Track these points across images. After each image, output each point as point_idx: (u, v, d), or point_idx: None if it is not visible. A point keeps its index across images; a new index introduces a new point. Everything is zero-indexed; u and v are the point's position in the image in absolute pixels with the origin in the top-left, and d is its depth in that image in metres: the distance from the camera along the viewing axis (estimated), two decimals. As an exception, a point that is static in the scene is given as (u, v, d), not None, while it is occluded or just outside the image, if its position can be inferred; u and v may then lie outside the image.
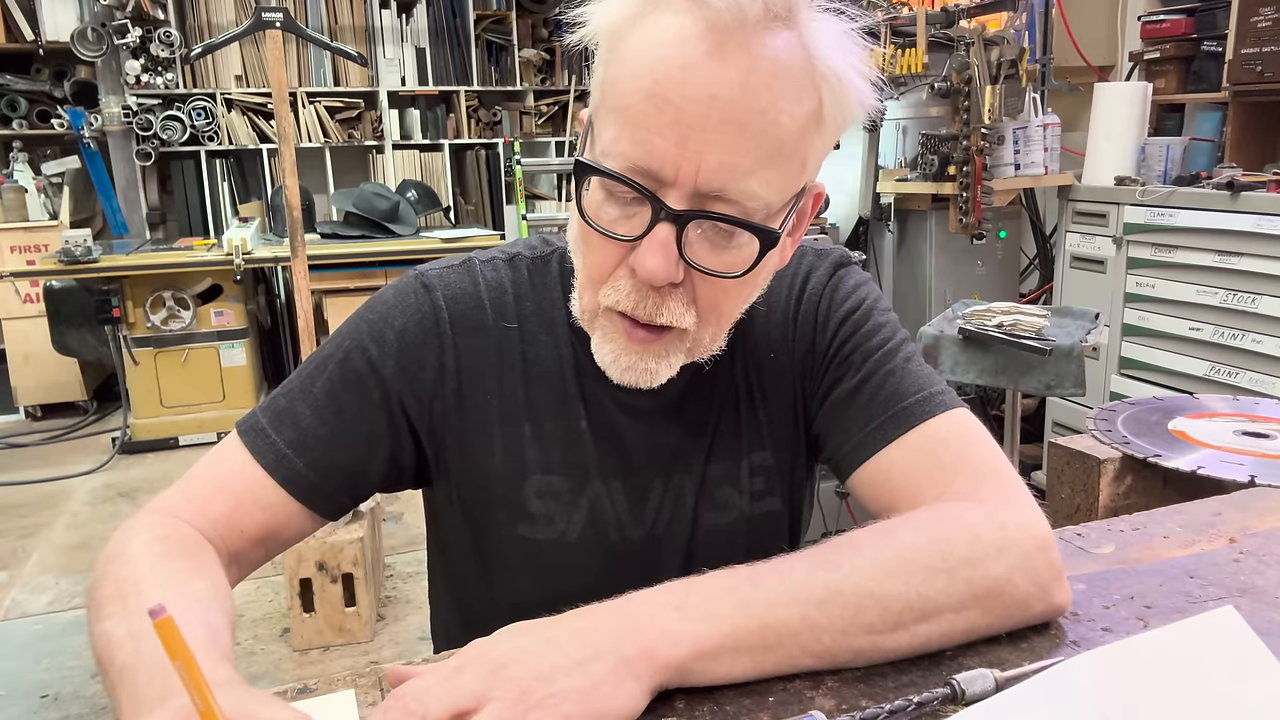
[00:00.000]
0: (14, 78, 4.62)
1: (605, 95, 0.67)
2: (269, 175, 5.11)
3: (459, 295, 0.80)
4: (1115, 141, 3.02)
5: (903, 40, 2.78)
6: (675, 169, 0.63)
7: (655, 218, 0.64)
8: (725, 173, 0.63)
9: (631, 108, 0.64)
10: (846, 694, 0.60)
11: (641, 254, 0.65)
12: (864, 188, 2.91)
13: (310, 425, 0.77)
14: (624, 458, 0.81)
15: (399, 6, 5.18)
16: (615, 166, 0.65)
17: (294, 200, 2.64)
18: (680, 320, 0.69)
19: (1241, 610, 0.57)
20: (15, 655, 2.49)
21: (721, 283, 0.68)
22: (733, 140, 0.63)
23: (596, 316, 0.72)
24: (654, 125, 0.63)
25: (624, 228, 0.67)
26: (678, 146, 0.62)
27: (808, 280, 0.84)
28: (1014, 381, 2.11)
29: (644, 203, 0.65)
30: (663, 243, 0.64)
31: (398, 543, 2.98)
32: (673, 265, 0.65)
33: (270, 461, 0.76)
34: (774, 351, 0.84)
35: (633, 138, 0.64)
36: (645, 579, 0.68)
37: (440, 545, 0.92)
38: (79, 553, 3.10)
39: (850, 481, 0.79)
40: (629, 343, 0.71)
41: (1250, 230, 2.53)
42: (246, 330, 4.17)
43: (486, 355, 0.80)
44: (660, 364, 0.72)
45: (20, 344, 4.39)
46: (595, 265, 0.69)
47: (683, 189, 0.64)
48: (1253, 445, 1.32)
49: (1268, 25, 2.79)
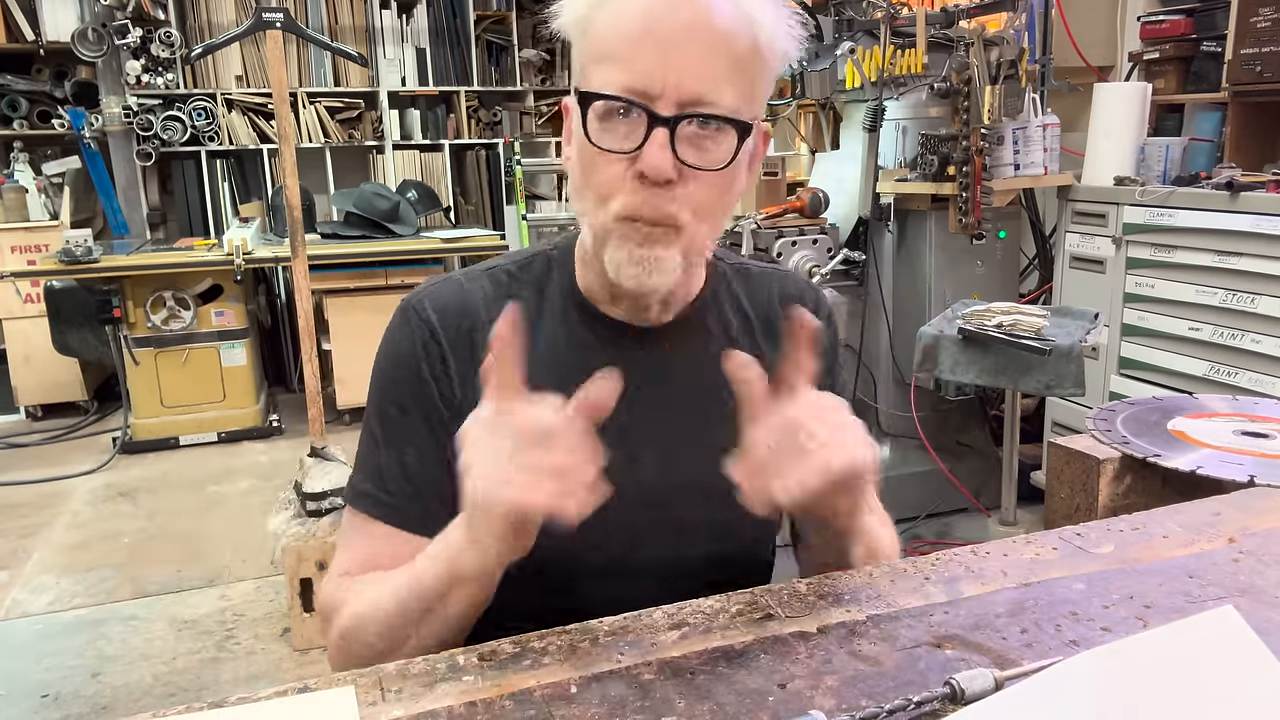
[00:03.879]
0: (14, 78, 4.62)
1: (589, 55, 0.81)
2: (269, 175, 5.11)
3: (445, 305, 0.90)
4: (1115, 142, 3.02)
5: (903, 40, 2.77)
6: (662, 83, 0.76)
7: (651, 125, 0.77)
8: (702, 81, 0.77)
9: (618, 48, 0.78)
10: (846, 694, 0.60)
11: (645, 156, 0.77)
12: (864, 188, 2.91)
13: (392, 469, 0.87)
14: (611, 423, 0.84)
15: (399, 6, 5.19)
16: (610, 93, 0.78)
17: (294, 200, 2.64)
18: (681, 214, 0.80)
19: (1241, 610, 0.57)
20: (15, 655, 2.49)
21: (711, 183, 0.81)
22: (704, 56, 0.77)
23: (610, 231, 0.81)
24: (639, 54, 0.77)
25: (625, 143, 0.79)
26: (661, 65, 0.76)
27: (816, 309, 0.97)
28: (1014, 381, 2.11)
29: (639, 118, 0.77)
30: (661, 144, 0.77)
31: (398, 543, 2.98)
32: (670, 162, 0.77)
33: (381, 514, 0.87)
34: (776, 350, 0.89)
35: (622, 68, 0.77)
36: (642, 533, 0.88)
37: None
38: (79, 553, 3.10)
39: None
40: (639, 235, 0.81)
41: (1250, 230, 2.53)
42: (247, 330, 4.17)
43: (479, 351, 0.85)
44: (665, 255, 0.81)
45: (21, 344, 4.39)
46: (603, 183, 0.80)
47: (669, 99, 0.77)
48: (1252, 445, 1.32)
49: (1267, 25, 2.79)
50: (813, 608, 0.72)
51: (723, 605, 0.73)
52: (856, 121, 3.00)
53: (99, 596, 2.79)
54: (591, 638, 0.69)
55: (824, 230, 2.86)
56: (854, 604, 0.72)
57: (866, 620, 0.69)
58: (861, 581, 0.76)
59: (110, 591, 2.82)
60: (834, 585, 0.75)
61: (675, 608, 0.72)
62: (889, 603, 0.72)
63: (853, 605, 0.72)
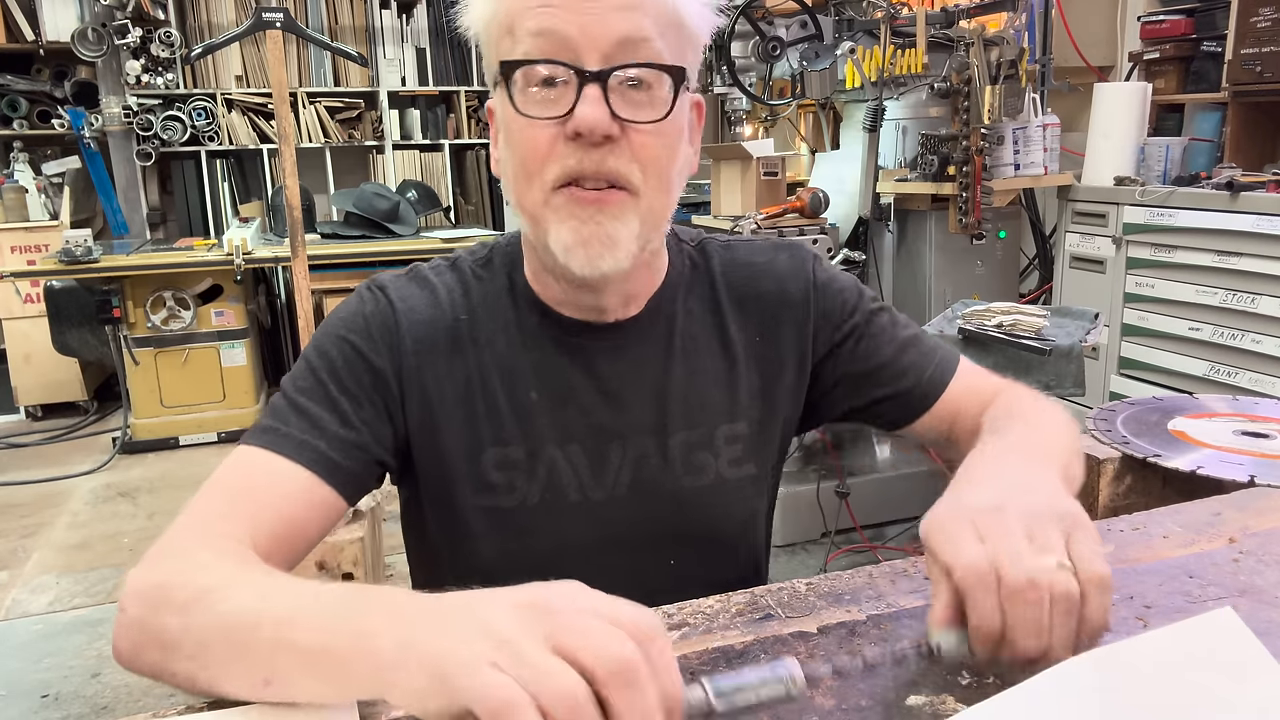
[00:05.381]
0: (14, 78, 4.61)
1: (500, 31, 0.76)
2: (269, 175, 5.10)
3: (408, 295, 0.86)
4: (1115, 142, 3.02)
5: (903, 40, 2.77)
6: (583, 34, 0.71)
7: (581, 82, 0.72)
8: (628, 25, 0.72)
9: (531, 12, 0.72)
10: (846, 694, 0.60)
11: (578, 114, 0.72)
12: (863, 188, 2.91)
13: (317, 412, 0.79)
14: (577, 424, 0.85)
15: (399, 6, 5.19)
16: (530, 55, 0.73)
17: (294, 200, 2.64)
18: (627, 171, 0.74)
19: (1241, 610, 0.57)
20: (15, 655, 2.49)
21: (655, 136, 0.75)
22: (623, 4, 0.72)
23: (547, 203, 0.75)
24: (555, 13, 0.72)
25: (555, 108, 0.73)
26: (580, 20, 0.71)
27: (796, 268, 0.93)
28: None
29: (566, 80, 0.73)
30: (595, 98, 0.72)
31: (398, 543, 2.97)
32: (607, 116, 0.72)
33: (289, 449, 0.77)
34: (761, 333, 0.92)
35: (537, 27, 0.72)
36: (612, 538, 0.84)
37: (416, 541, 0.95)
38: (79, 553, 3.10)
39: (917, 423, 0.94)
40: (584, 209, 0.74)
41: (1250, 230, 2.53)
42: (247, 330, 4.17)
43: (438, 346, 0.84)
44: (618, 227, 0.75)
45: (21, 344, 4.39)
46: (533, 154, 0.74)
47: (595, 51, 0.72)
48: (1252, 445, 1.32)
49: (1267, 25, 2.79)
50: (813, 608, 0.72)
51: (723, 605, 0.73)
52: (856, 121, 3.00)
53: (99, 596, 2.79)
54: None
55: (824, 230, 2.86)
56: (854, 604, 0.72)
57: (866, 620, 0.69)
58: (861, 581, 0.76)
59: (110, 591, 2.82)
60: (834, 585, 0.75)
61: (675, 608, 0.72)
62: (889, 603, 0.72)
63: (853, 605, 0.72)
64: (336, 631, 0.54)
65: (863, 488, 2.89)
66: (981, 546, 0.59)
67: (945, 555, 0.60)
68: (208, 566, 0.65)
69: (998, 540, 0.59)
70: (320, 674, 0.54)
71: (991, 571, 0.57)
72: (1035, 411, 0.86)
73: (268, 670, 0.56)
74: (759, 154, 2.96)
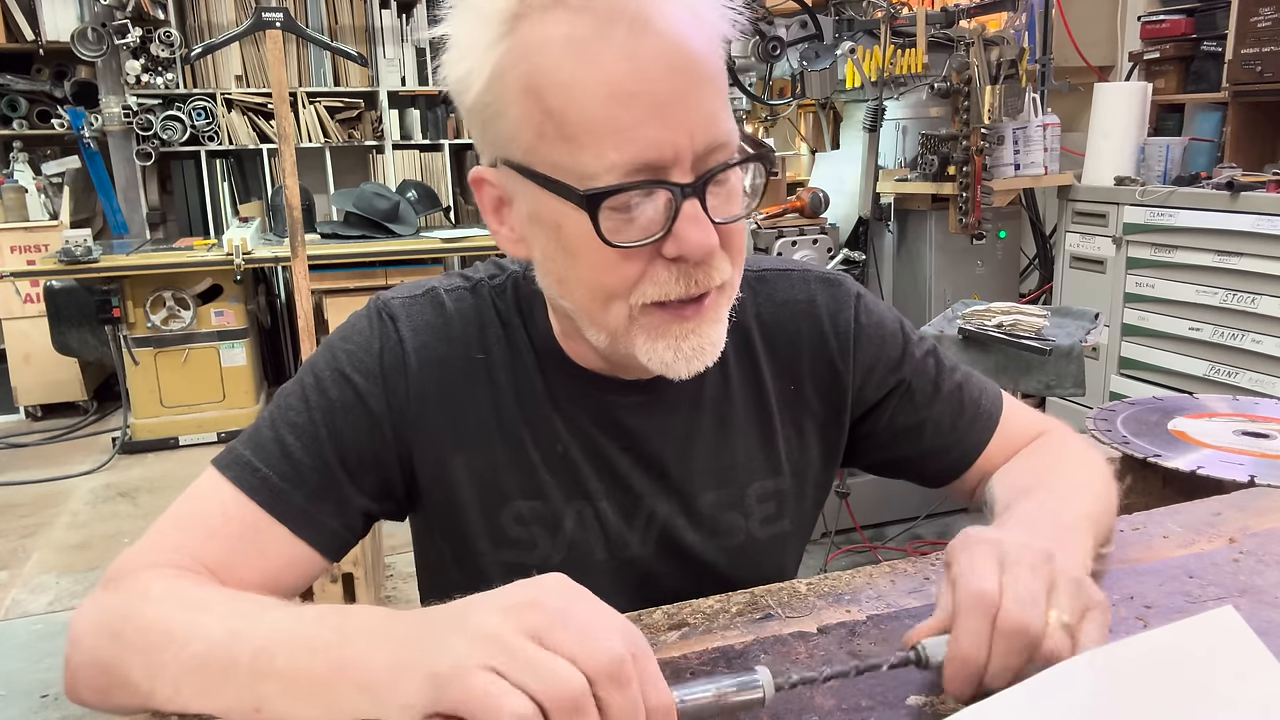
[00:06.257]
0: (14, 78, 4.61)
1: (545, 130, 0.64)
2: (269, 175, 5.10)
3: (422, 327, 0.78)
4: (1115, 141, 3.02)
5: (903, 40, 2.77)
6: (673, 148, 0.62)
7: (678, 200, 0.63)
8: (710, 125, 0.64)
9: (598, 120, 0.62)
10: (846, 694, 0.60)
11: (683, 237, 0.64)
12: (864, 188, 2.91)
13: (301, 457, 0.73)
14: (603, 481, 0.80)
15: (399, 6, 5.18)
16: (616, 180, 0.62)
17: (294, 200, 2.64)
18: (724, 274, 0.68)
19: (1241, 610, 0.57)
20: (15, 655, 2.49)
21: (738, 228, 0.69)
22: (701, 95, 0.63)
23: (634, 324, 0.68)
24: (632, 120, 0.61)
25: (646, 231, 0.65)
26: (665, 127, 0.62)
27: (837, 311, 0.86)
28: (1014, 381, 2.10)
29: (653, 196, 0.64)
30: (696, 217, 0.64)
31: (398, 543, 2.98)
32: (713, 234, 0.65)
33: (265, 498, 0.71)
34: (796, 383, 0.85)
35: (617, 144, 0.62)
36: (638, 598, 0.75)
37: (427, 568, 0.91)
38: (79, 553, 3.10)
39: (956, 483, 0.91)
40: (684, 324, 0.68)
41: (1250, 230, 2.53)
42: (246, 330, 4.17)
43: (454, 386, 0.78)
44: (717, 329, 0.70)
45: (20, 344, 4.39)
46: (616, 282, 0.66)
47: (684, 162, 0.63)
48: (1252, 445, 1.32)
49: (1268, 25, 2.79)
50: (813, 608, 0.72)
51: (723, 605, 0.73)
52: (856, 121, 3.00)
53: (99, 596, 2.79)
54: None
55: (824, 230, 2.86)
56: (854, 604, 0.72)
57: (866, 620, 0.69)
58: (861, 582, 0.76)
59: (110, 591, 2.82)
60: (834, 585, 0.75)
61: (675, 608, 0.72)
62: (889, 603, 0.72)
63: (853, 605, 0.72)
64: (323, 661, 0.54)
65: (863, 488, 2.89)
66: (996, 576, 0.58)
67: (958, 568, 0.60)
68: (163, 599, 0.62)
69: (1017, 576, 0.58)
70: (308, 700, 0.54)
71: (994, 601, 0.57)
72: (1073, 460, 0.85)
73: (254, 699, 0.55)
74: (759, 154, 2.96)
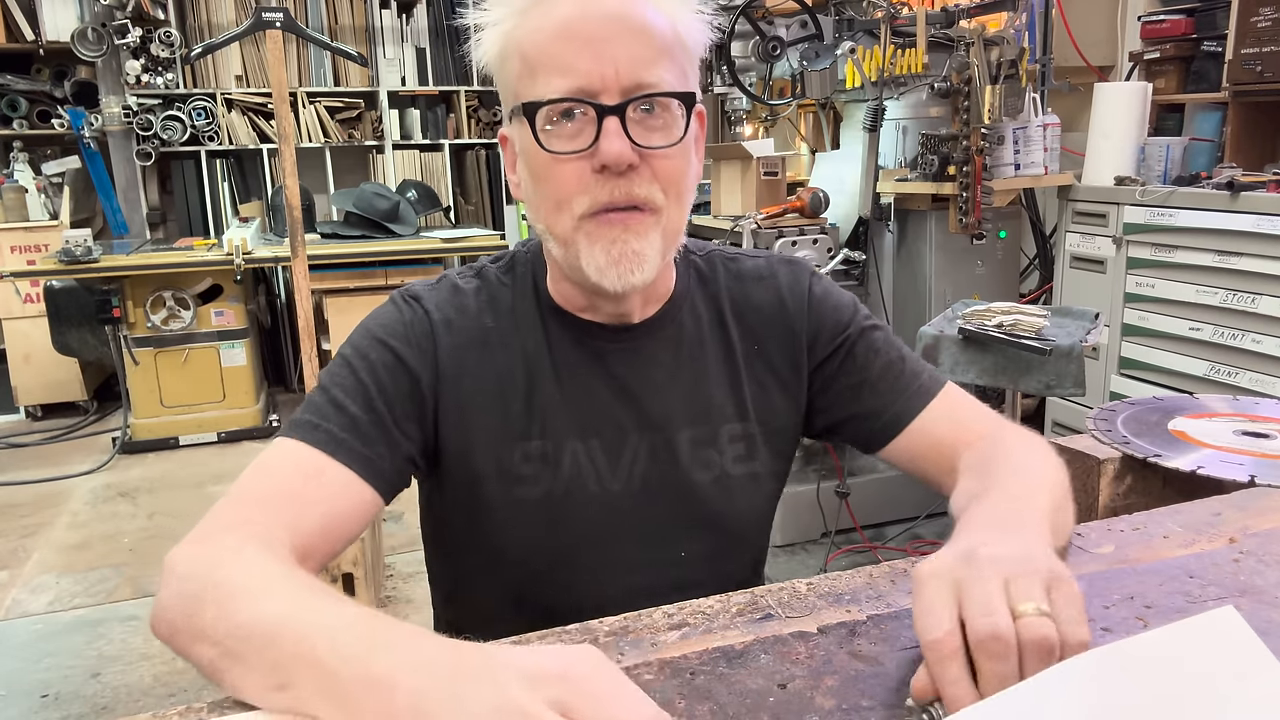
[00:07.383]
0: (14, 78, 4.61)
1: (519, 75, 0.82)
2: (269, 175, 5.10)
3: (443, 303, 0.91)
4: (1115, 141, 3.02)
5: (903, 40, 2.77)
6: (600, 77, 0.78)
7: (601, 117, 0.78)
8: (637, 65, 0.79)
9: (549, 57, 0.79)
10: (846, 694, 0.60)
11: (602, 147, 0.78)
12: (864, 188, 2.91)
13: (356, 411, 0.83)
14: (596, 420, 0.92)
15: (399, 6, 5.18)
16: (554, 97, 0.79)
17: (294, 200, 2.64)
18: (650, 194, 0.81)
19: (1241, 610, 0.57)
20: (15, 655, 2.49)
21: (670, 158, 0.82)
22: (633, 43, 0.79)
23: (578, 231, 0.82)
24: (572, 55, 0.78)
25: (577, 142, 0.80)
26: (596, 61, 0.78)
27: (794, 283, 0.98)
28: (1014, 381, 2.10)
29: (586, 115, 0.79)
30: (615, 131, 0.78)
31: (398, 543, 2.98)
32: (628, 147, 0.79)
33: (330, 446, 0.80)
34: (760, 343, 0.97)
35: (560, 72, 0.79)
36: (626, 528, 0.91)
37: (437, 534, 0.99)
38: (79, 553, 3.10)
39: (891, 446, 0.95)
40: (612, 230, 0.81)
41: (1250, 230, 2.53)
42: (246, 330, 4.17)
43: (471, 350, 0.90)
44: (645, 245, 0.82)
45: (20, 344, 4.39)
46: (562, 186, 0.81)
47: (610, 90, 0.78)
48: (1253, 445, 1.32)
49: (1268, 25, 2.79)
50: (813, 608, 0.72)
51: (723, 605, 0.73)
52: (856, 121, 2.99)
53: (99, 596, 2.79)
54: (592, 638, 0.68)
55: (824, 230, 2.86)
56: (854, 604, 0.72)
57: (866, 620, 0.69)
58: (861, 582, 0.76)
59: (110, 591, 2.82)
60: (834, 585, 0.75)
61: (675, 608, 0.72)
62: (889, 603, 0.72)
63: (853, 605, 0.72)
64: (352, 665, 0.55)
65: (863, 488, 2.89)
66: (947, 612, 0.57)
67: (917, 626, 0.59)
68: (248, 565, 0.67)
69: (970, 592, 0.57)
70: (331, 699, 0.55)
71: (952, 641, 0.56)
72: (1023, 456, 0.84)
73: (284, 676, 0.57)
74: (759, 154, 2.96)
